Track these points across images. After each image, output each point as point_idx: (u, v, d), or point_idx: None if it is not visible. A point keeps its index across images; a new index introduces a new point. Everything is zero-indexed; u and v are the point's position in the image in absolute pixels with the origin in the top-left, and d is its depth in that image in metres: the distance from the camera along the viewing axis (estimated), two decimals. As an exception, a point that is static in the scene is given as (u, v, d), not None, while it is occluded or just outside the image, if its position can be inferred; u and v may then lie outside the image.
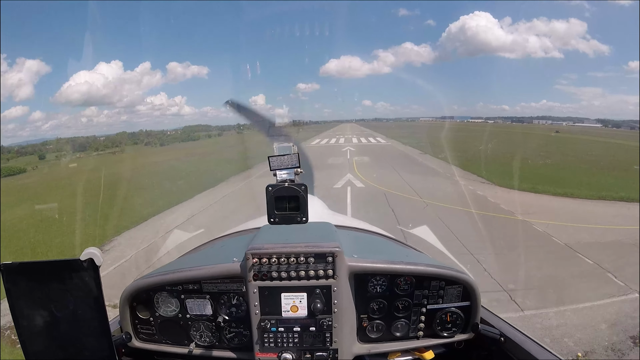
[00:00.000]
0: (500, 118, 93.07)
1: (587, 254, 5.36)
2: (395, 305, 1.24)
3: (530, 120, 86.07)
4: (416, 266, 1.21)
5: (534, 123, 77.33)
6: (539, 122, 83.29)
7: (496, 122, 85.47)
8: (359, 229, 1.67)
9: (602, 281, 4.60)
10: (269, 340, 1.16)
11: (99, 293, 0.93)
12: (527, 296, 4.25)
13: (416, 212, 7.75)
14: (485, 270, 4.88)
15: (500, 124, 73.68)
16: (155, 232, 7.27)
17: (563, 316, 3.87)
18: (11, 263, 0.90)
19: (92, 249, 0.90)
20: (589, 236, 6.15)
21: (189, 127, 57.67)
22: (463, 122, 59.83)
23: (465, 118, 66.99)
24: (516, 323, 1.26)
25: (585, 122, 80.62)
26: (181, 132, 45.83)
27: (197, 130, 50.35)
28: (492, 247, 5.69)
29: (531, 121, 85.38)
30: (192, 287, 1.21)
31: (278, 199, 1.20)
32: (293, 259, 1.13)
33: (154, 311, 1.24)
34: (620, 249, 5.57)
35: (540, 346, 1.13)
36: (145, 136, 39.69)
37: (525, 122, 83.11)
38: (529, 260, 5.20)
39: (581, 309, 3.99)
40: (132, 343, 1.24)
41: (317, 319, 1.14)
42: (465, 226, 6.65)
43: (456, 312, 1.25)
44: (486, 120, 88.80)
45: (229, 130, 42.00)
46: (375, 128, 48.03)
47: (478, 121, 79.72)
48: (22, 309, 0.93)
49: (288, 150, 1.19)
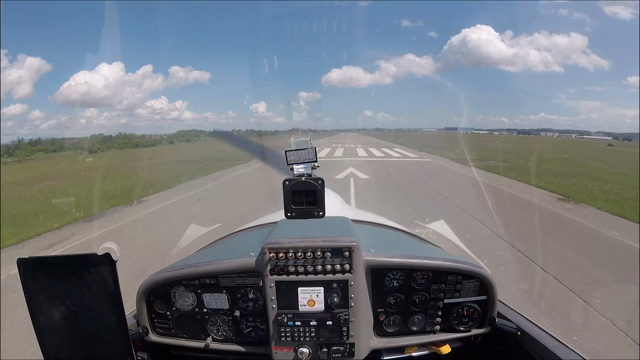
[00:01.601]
0: (506, 130, 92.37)
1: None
2: (412, 300, 1.23)
3: (538, 132, 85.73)
4: (433, 261, 1.21)
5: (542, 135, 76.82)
6: (545, 134, 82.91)
7: (501, 133, 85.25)
8: (376, 223, 1.68)
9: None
10: (285, 335, 1.15)
11: (115, 288, 0.94)
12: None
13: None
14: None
15: (508, 135, 73.29)
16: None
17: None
18: (27, 258, 0.91)
19: (109, 243, 0.91)
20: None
21: (182, 132, 58.06)
22: (468, 133, 59.70)
23: (469, 129, 66.90)
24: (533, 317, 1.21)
25: (593, 134, 79.93)
26: (167, 137, 46.39)
27: (189, 135, 50.64)
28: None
29: (538, 133, 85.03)
30: (209, 282, 1.21)
31: (295, 193, 1.21)
32: (310, 253, 1.13)
33: (170, 305, 1.25)
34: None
35: (557, 340, 1.11)
36: (122, 139, 40.50)
37: (533, 134, 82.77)
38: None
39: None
40: (149, 337, 1.25)
41: (333, 313, 1.14)
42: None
43: (473, 306, 1.24)
44: (491, 132, 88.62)
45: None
46: (383, 137, 43.07)
47: (483, 133, 79.60)
48: (39, 304, 0.93)
49: (305, 144, 1.21)
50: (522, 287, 4.13)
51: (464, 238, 5.57)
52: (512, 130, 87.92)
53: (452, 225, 6.27)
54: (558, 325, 3.35)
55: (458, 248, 5.23)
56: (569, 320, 3.51)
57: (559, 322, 3.42)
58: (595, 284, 4.26)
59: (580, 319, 3.54)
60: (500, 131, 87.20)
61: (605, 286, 4.23)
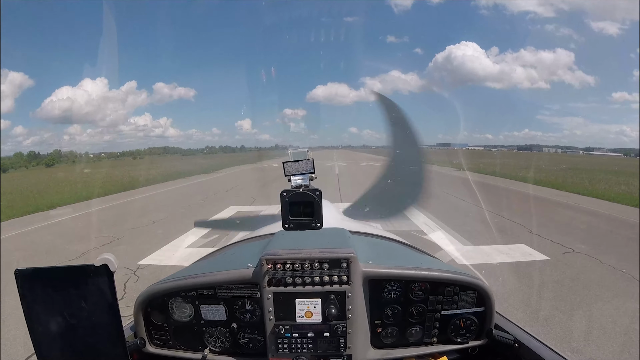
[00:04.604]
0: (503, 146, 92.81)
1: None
2: (409, 311, 1.23)
3: (540, 149, 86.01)
4: (430, 272, 1.21)
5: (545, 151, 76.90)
6: (548, 150, 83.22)
7: (499, 150, 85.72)
8: (373, 234, 1.68)
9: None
10: (283, 346, 1.15)
11: (113, 299, 0.94)
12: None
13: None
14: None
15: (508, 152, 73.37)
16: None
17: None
18: (25, 269, 0.92)
19: (107, 254, 0.92)
20: None
21: (154, 148, 57.66)
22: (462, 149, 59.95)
23: (463, 145, 67.21)
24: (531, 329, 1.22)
25: (596, 150, 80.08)
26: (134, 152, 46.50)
27: (160, 152, 50.29)
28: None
29: (540, 149, 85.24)
30: (207, 293, 1.21)
31: (293, 204, 1.23)
32: (307, 264, 1.14)
33: (168, 317, 1.24)
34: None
35: (554, 352, 1.11)
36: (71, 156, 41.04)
37: (534, 149, 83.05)
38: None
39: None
40: (146, 348, 1.24)
41: (331, 325, 1.13)
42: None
43: (470, 317, 1.24)
44: (489, 149, 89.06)
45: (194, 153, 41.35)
46: (377, 154, 40.69)
47: (479, 149, 79.94)
48: (37, 314, 0.93)
49: (303, 155, 1.24)
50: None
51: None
52: (511, 146, 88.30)
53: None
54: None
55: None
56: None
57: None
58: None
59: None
60: (498, 147, 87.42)
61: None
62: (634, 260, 5.31)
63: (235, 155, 50.93)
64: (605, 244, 6.40)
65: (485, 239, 6.51)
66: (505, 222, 7.84)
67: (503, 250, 5.86)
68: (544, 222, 7.87)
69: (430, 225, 7.29)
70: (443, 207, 9.01)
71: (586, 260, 5.55)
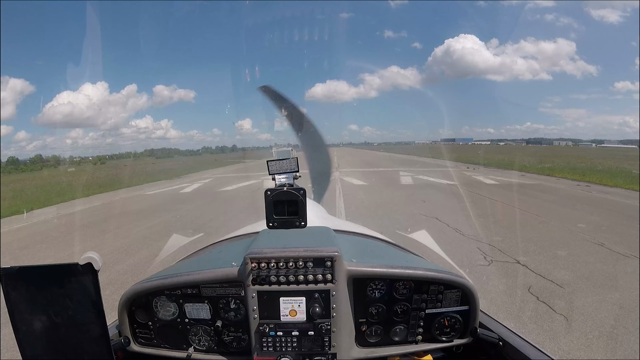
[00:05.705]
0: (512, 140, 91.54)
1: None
2: (394, 310, 1.22)
3: (550, 142, 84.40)
4: (415, 270, 1.21)
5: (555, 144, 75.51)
6: (559, 143, 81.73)
7: (507, 144, 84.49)
8: (358, 233, 1.68)
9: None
10: (267, 345, 1.15)
11: (97, 297, 0.94)
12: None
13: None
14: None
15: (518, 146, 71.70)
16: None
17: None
18: (10, 267, 0.92)
19: (91, 253, 0.92)
20: None
21: (149, 150, 57.49)
22: (467, 144, 59.05)
23: (468, 140, 66.32)
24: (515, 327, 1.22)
25: (606, 142, 78.47)
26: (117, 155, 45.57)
27: (158, 154, 49.65)
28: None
29: (551, 142, 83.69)
30: (191, 292, 1.22)
31: (277, 203, 1.23)
32: (292, 263, 1.14)
33: (152, 315, 1.25)
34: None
35: (539, 351, 1.10)
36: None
37: (545, 143, 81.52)
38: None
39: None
40: (131, 347, 1.25)
41: (315, 324, 1.13)
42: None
43: (455, 316, 1.23)
44: (496, 142, 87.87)
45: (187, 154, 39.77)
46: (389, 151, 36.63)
47: (485, 143, 78.84)
48: (21, 313, 0.94)
49: (287, 154, 1.23)
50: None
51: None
52: (515, 140, 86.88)
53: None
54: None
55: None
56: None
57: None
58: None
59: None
60: (506, 141, 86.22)
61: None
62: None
63: (221, 157, 47.91)
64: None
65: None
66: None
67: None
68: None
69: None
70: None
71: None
